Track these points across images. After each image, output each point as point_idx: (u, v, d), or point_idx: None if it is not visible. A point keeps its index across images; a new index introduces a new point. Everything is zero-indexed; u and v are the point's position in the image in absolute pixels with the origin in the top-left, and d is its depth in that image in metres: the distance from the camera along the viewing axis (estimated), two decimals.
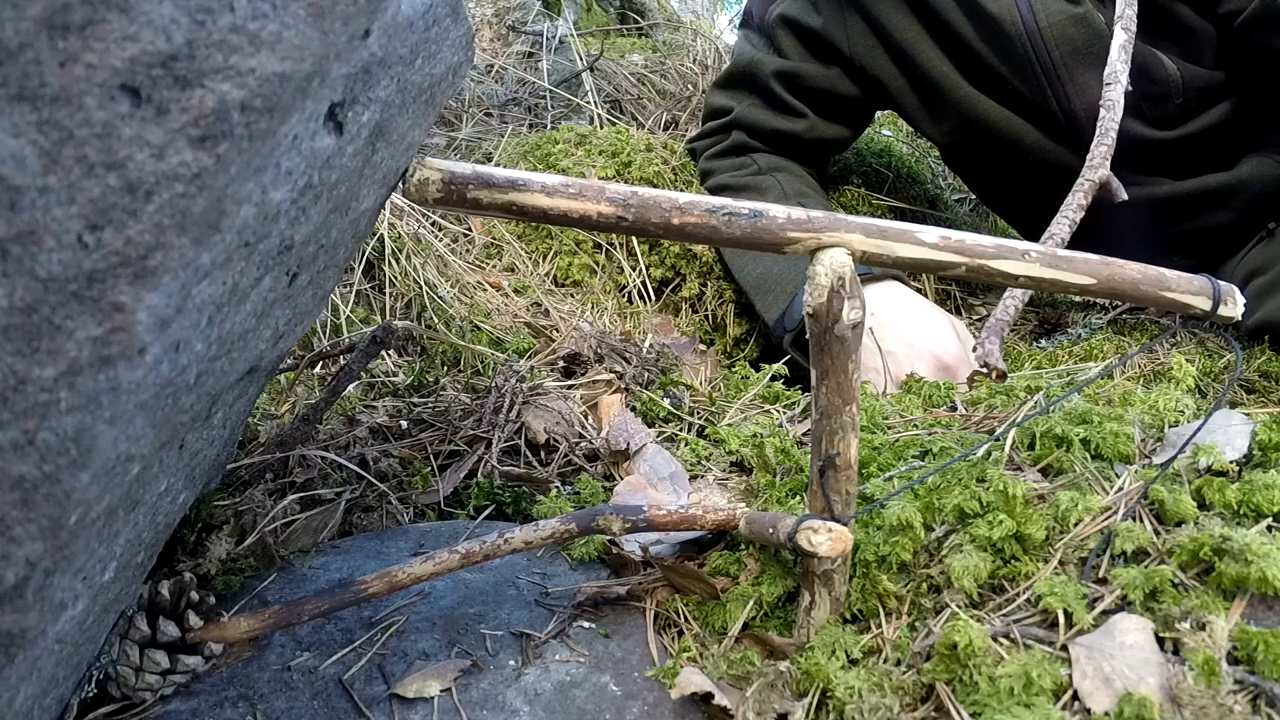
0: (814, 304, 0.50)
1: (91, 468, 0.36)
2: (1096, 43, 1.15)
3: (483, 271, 1.38)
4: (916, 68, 1.31)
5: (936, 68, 1.29)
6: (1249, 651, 0.50)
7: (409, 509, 0.84)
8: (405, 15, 0.45)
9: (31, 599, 0.38)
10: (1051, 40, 1.18)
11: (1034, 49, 1.19)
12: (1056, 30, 1.17)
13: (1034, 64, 1.20)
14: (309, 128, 0.40)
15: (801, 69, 1.41)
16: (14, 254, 0.31)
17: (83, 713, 0.57)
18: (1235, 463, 0.64)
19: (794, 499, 0.74)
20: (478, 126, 1.84)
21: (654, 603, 0.68)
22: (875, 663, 0.57)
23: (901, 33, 1.30)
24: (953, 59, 1.28)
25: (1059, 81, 1.20)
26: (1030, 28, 1.18)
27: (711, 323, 1.44)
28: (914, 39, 1.29)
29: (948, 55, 1.28)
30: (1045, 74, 1.20)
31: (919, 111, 1.37)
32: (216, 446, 0.58)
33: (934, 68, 1.29)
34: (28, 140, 0.30)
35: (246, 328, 0.46)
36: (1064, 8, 1.17)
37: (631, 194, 0.49)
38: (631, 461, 0.88)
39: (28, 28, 0.29)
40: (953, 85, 1.28)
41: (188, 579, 0.62)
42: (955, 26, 1.24)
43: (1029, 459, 0.69)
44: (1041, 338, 1.26)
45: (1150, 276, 0.56)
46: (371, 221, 0.58)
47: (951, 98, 1.29)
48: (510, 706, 0.58)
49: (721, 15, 3.23)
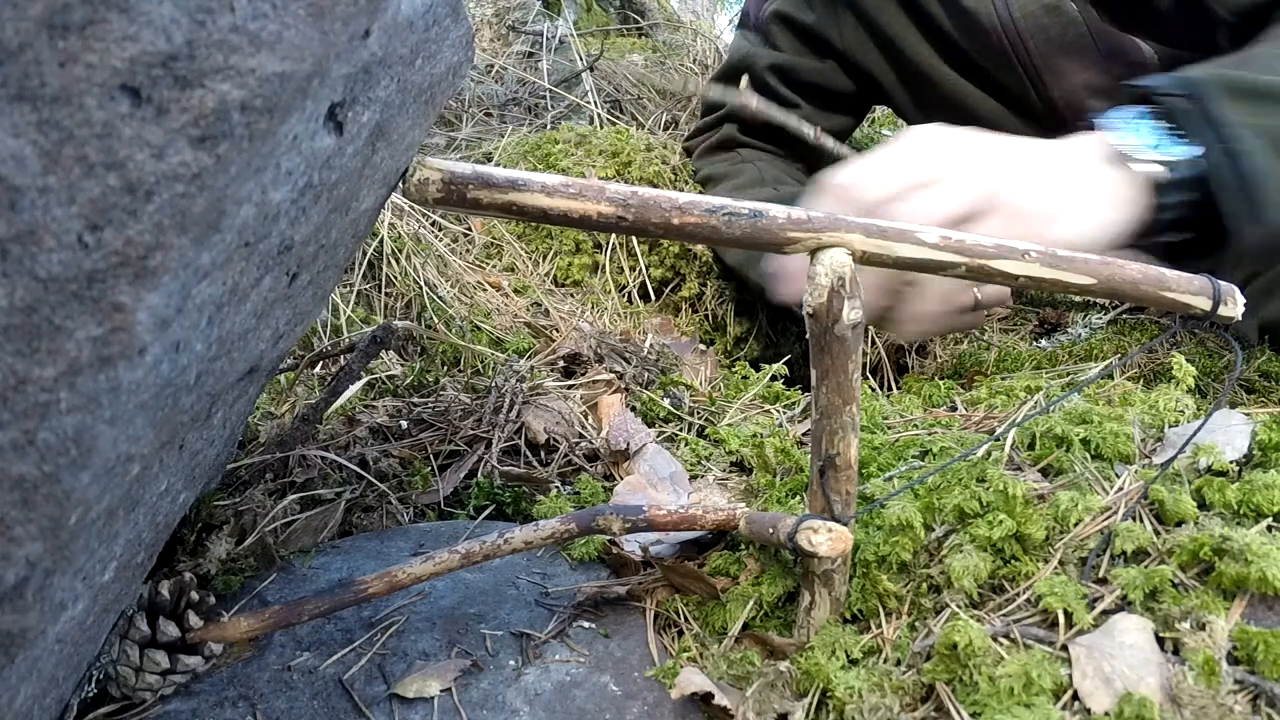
0: (814, 304, 0.50)
1: (91, 468, 0.36)
2: (1070, 31, 1.16)
3: (483, 271, 1.38)
4: (906, 61, 1.33)
5: (925, 60, 1.30)
6: (1249, 651, 0.50)
7: (409, 509, 0.84)
8: (405, 15, 0.45)
9: (31, 599, 0.38)
10: (1026, 31, 1.19)
11: (1009, 41, 1.20)
12: (1030, 21, 1.18)
13: (1011, 56, 1.21)
14: (309, 128, 0.40)
15: (796, 62, 1.43)
16: (14, 254, 0.31)
17: (83, 713, 0.57)
18: (1235, 463, 0.64)
19: (794, 499, 0.74)
20: (478, 126, 1.84)
21: (654, 603, 0.68)
22: (875, 663, 0.57)
23: (890, 26, 1.32)
24: (939, 51, 1.30)
25: (1035, 71, 1.21)
26: (1005, 20, 1.19)
27: (711, 322, 1.44)
28: (902, 32, 1.31)
29: (934, 48, 1.30)
30: (1023, 65, 1.21)
31: (909, 105, 1.39)
32: (216, 446, 0.58)
33: (922, 60, 1.31)
34: (28, 140, 0.30)
35: (246, 328, 0.46)
36: None
37: (631, 194, 0.49)
38: (631, 461, 0.88)
39: (28, 28, 0.29)
40: (941, 77, 1.30)
41: (188, 579, 0.62)
42: (938, 20, 1.26)
43: (1029, 459, 0.69)
44: (1041, 338, 1.26)
45: (1150, 276, 0.56)
46: (371, 221, 0.58)
47: (940, 90, 1.31)
48: (510, 706, 0.58)
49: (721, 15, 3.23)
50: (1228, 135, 0.81)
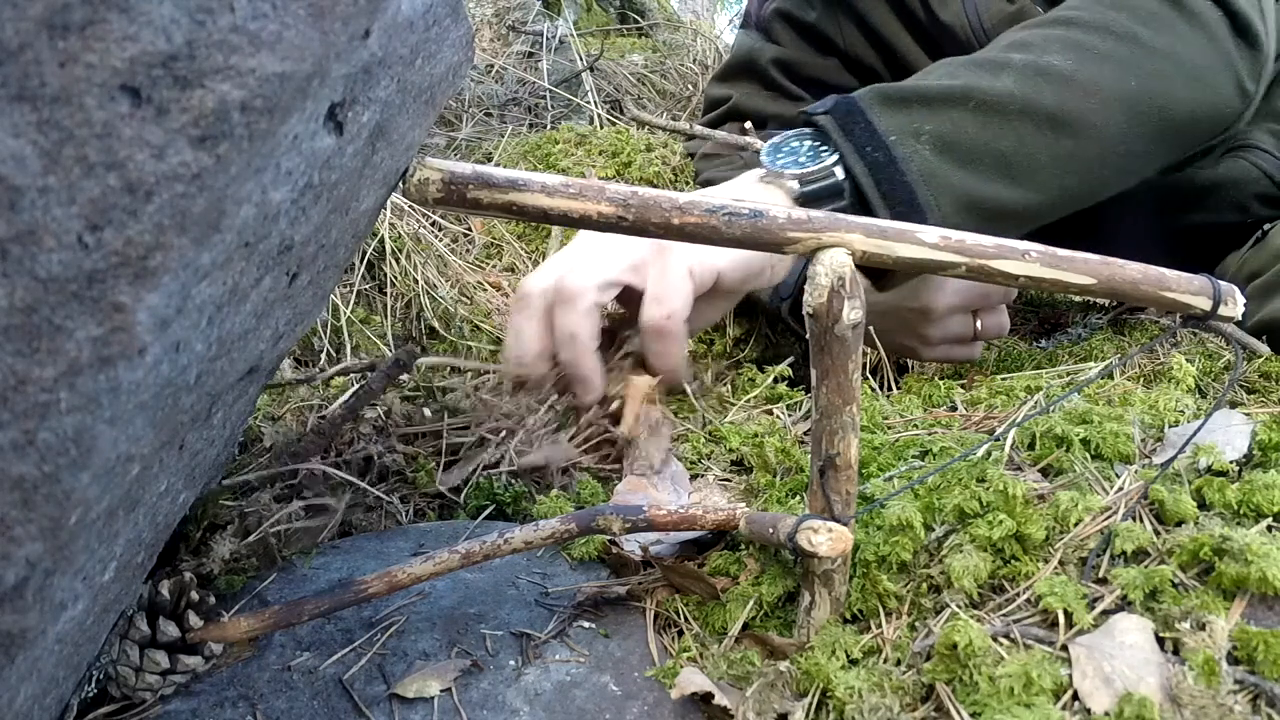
0: (814, 304, 0.50)
1: (91, 468, 0.36)
2: None
3: (483, 271, 1.38)
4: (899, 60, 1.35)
5: (918, 62, 1.32)
6: (1249, 651, 0.50)
7: (409, 509, 0.84)
8: (405, 15, 0.45)
9: (31, 599, 0.38)
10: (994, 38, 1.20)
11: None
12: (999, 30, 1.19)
13: None
14: (309, 128, 0.40)
15: (799, 58, 1.44)
16: (14, 254, 0.31)
17: (83, 713, 0.57)
18: (1235, 463, 0.64)
19: (794, 499, 0.74)
20: (478, 126, 1.84)
21: (654, 603, 0.68)
22: (875, 663, 0.57)
23: (884, 27, 1.35)
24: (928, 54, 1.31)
25: None
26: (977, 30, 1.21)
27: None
28: (895, 33, 1.34)
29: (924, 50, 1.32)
30: None
31: None
32: (217, 447, 0.58)
33: (915, 62, 1.32)
34: (28, 140, 0.30)
35: (246, 328, 0.46)
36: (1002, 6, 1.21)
37: (631, 194, 0.49)
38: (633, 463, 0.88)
39: (28, 28, 0.29)
40: None
41: (188, 579, 0.62)
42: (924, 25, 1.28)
43: (1029, 459, 0.69)
44: (1041, 338, 1.26)
45: (1150, 276, 0.56)
46: (371, 221, 0.58)
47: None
48: (510, 706, 0.58)
49: (721, 15, 3.23)
50: (871, 143, 0.88)
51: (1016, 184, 0.91)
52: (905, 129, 0.89)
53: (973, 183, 0.89)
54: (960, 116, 0.90)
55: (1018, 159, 0.90)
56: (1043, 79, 0.91)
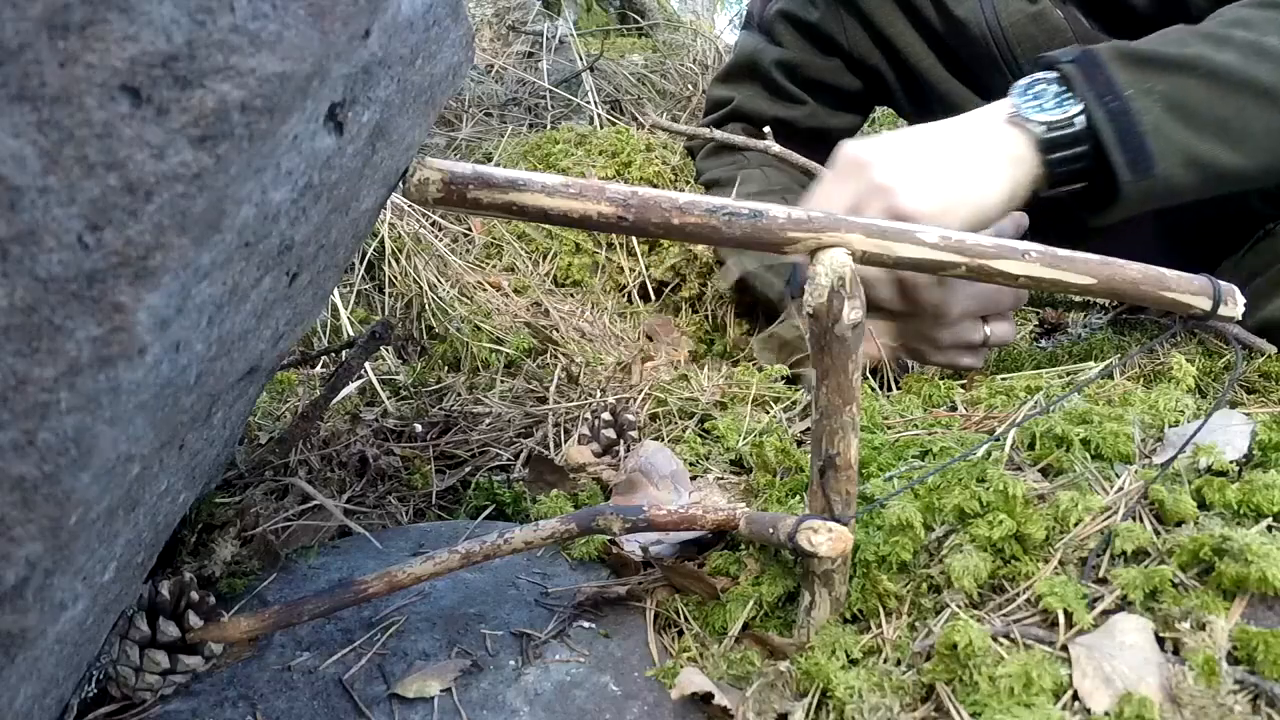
0: (814, 304, 0.50)
1: (91, 468, 0.36)
2: (1056, 39, 1.19)
3: (483, 271, 1.38)
4: (903, 61, 1.34)
5: (921, 61, 1.32)
6: (1249, 651, 0.50)
7: (409, 509, 0.84)
8: (405, 15, 0.45)
9: (31, 599, 0.38)
10: (1014, 39, 1.21)
11: (998, 49, 1.23)
12: (1017, 29, 1.21)
13: (1000, 63, 1.23)
14: (309, 128, 0.40)
15: (802, 59, 1.44)
16: (14, 254, 0.31)
17: (83, 713, 0.57)
18: (1235, 463, 0.64)
19: (794, 499, 0.74)
20: (478, 126, 1.84)
21: (654, 603, 0.68)
22: (875, 663, 0.57)
23: (889, 26, 1.35)
24: (935, 53, 1.31)
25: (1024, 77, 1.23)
26: (994, 28, 1.23)
27: (712, 323, 1.44)
28: (900, 31, 1.33)
29: (930, 49, 1.32)
30: (1011, 72, 1.23)
31: (907, 105, 1.40)
32: (216, 446, 0.58)
33: (919, 61, 1.32)
34: (28, 140, 0.30)
35: (246, 328, 0.46)
36: (1022, 6, 1.22)
37: (631, 194, 0.49)
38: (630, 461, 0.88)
39: (28, 28, 0.29)
40: (937, 79, 1.32)
41: (188, 579, 0.62)
42: (933, 23, 1.29)
43: (1029, 459, 0.69)
44: (1041, 338, 1.26)
45: (1150, 276, 0.56)
46: (371, 221, 0.58)
47: (937, 91, 1.32)
48: (510, 706, 0.58)
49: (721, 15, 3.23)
50: (1110, 94, 0.94)
51: (1232, 149, 0.98)
52: (1139, 85, 0.96)
53: (1195, 141, 0.96)
54: (1188, 81, 0.96)
55: (1236, 126, 0.97)
56: (1262, 58, 0.98)
